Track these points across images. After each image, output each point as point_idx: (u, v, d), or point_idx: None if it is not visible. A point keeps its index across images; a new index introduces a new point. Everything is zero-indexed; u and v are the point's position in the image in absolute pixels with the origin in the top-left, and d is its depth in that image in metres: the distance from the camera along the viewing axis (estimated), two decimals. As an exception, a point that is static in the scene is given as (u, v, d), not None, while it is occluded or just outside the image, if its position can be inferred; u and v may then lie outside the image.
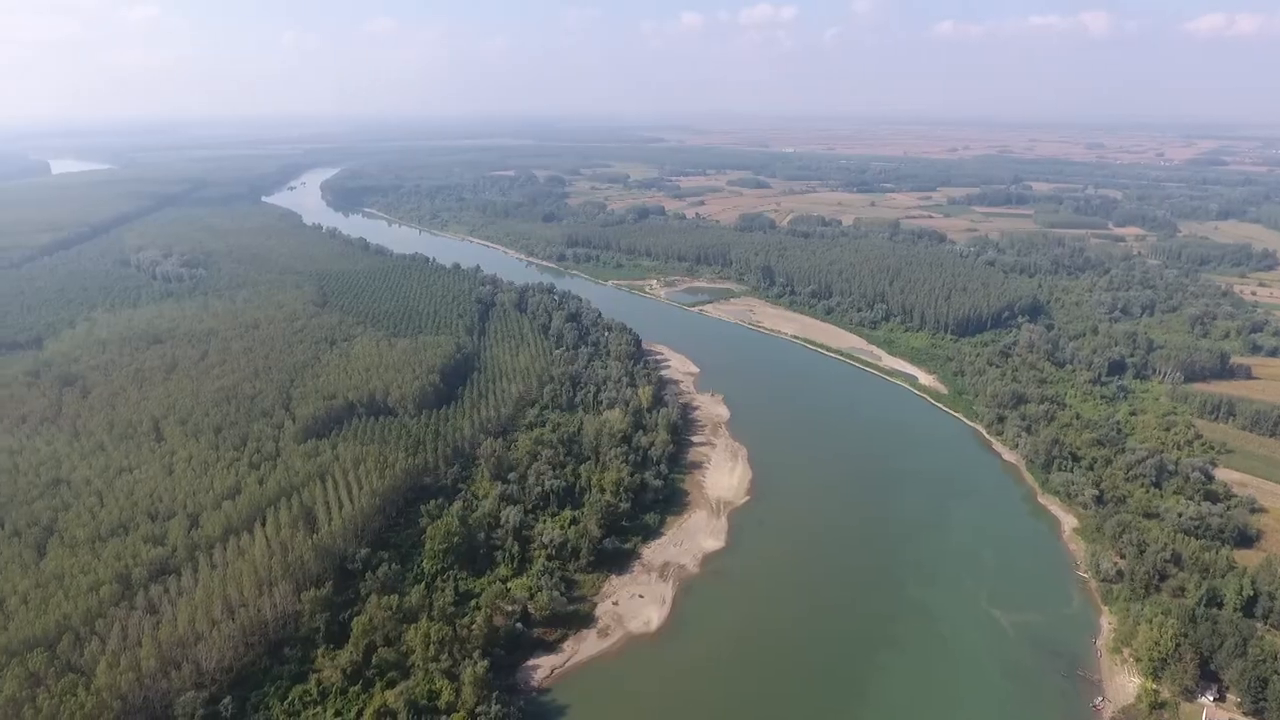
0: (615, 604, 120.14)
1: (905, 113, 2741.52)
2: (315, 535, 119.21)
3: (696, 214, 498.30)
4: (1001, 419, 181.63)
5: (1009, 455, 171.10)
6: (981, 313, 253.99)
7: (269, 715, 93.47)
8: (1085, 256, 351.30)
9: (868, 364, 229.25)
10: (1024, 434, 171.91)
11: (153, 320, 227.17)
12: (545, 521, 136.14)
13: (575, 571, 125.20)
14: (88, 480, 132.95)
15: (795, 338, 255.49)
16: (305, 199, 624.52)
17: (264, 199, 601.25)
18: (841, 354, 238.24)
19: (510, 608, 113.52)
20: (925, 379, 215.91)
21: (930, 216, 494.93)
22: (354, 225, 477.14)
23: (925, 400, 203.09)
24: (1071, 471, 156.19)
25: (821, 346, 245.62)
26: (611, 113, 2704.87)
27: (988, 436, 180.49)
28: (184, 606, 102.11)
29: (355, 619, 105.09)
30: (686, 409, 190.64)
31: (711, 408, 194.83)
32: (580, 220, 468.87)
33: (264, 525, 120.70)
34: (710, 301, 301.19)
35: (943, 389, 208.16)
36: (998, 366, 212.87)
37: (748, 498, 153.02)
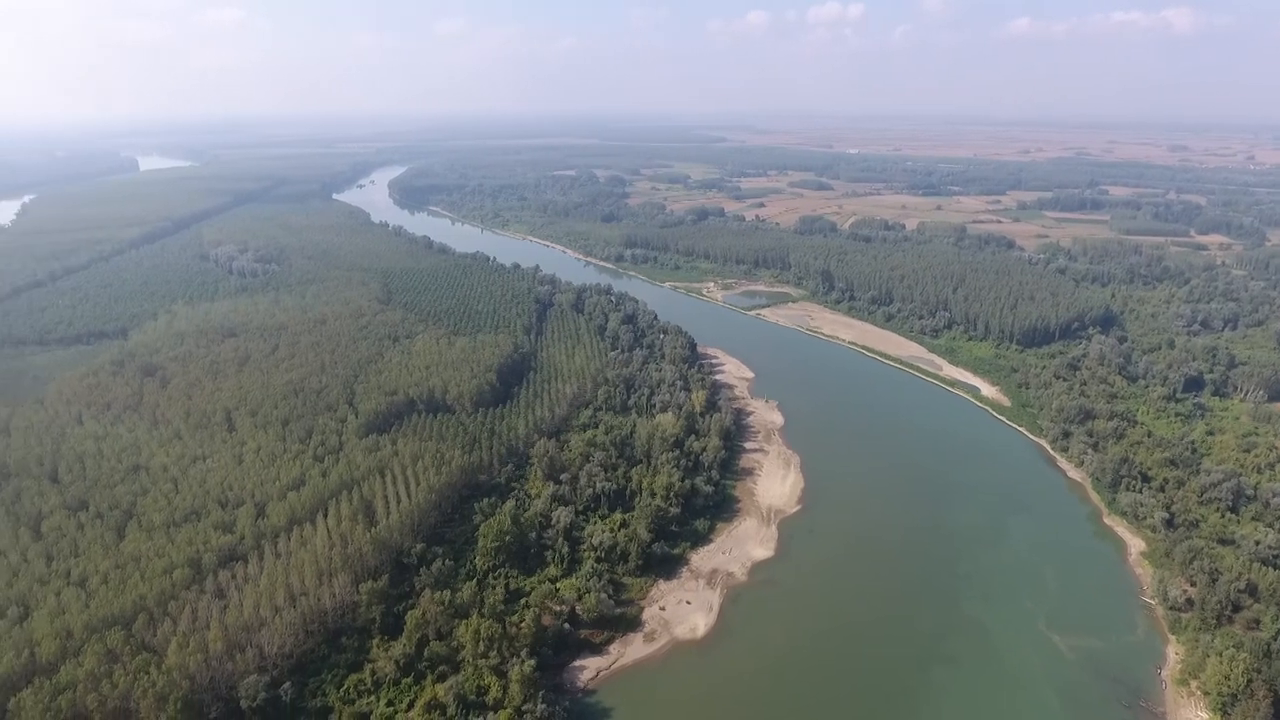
0: (662, 609, 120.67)
1: (976, 113, 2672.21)
2: (374, 528, 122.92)
3: (756, 216, 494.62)
4: (1067, 435, 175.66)
5: (1074, 473, 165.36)
6: (1049, 323, 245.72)
7: (326, 702, 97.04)
8: (1164, 265, 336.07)
9: (928, 373, 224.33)
10: (1090, 451, 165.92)
11: (228, 314, 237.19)
12: (595, 523, 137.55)
13: (623, 575, 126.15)
14: (164, 467, 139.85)
15: (853, 344, 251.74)
16: (374, 196, 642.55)
17: (335, 196, 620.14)
18: (901, 362, 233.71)
19: (558, 608, 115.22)
20: (988, 390, 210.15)
21: (999, 221, 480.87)
22: (419, 223, 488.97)
23: (987, 412, 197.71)
24: (1140, 492, 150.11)
25: (880, 354, 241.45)
26: (675, 112, 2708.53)
27: (1052, 452, 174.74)
28: (249, 592, 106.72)
29: (409, 612, 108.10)
30: (740, 414, 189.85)
31: (765, 414, 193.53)
32: (639, 221, 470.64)
33: (326, 517, 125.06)
34: (768, 305, 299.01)
35: (1006, 401, 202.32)
36: (1065, 380, 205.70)
37: (799, 506, 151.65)
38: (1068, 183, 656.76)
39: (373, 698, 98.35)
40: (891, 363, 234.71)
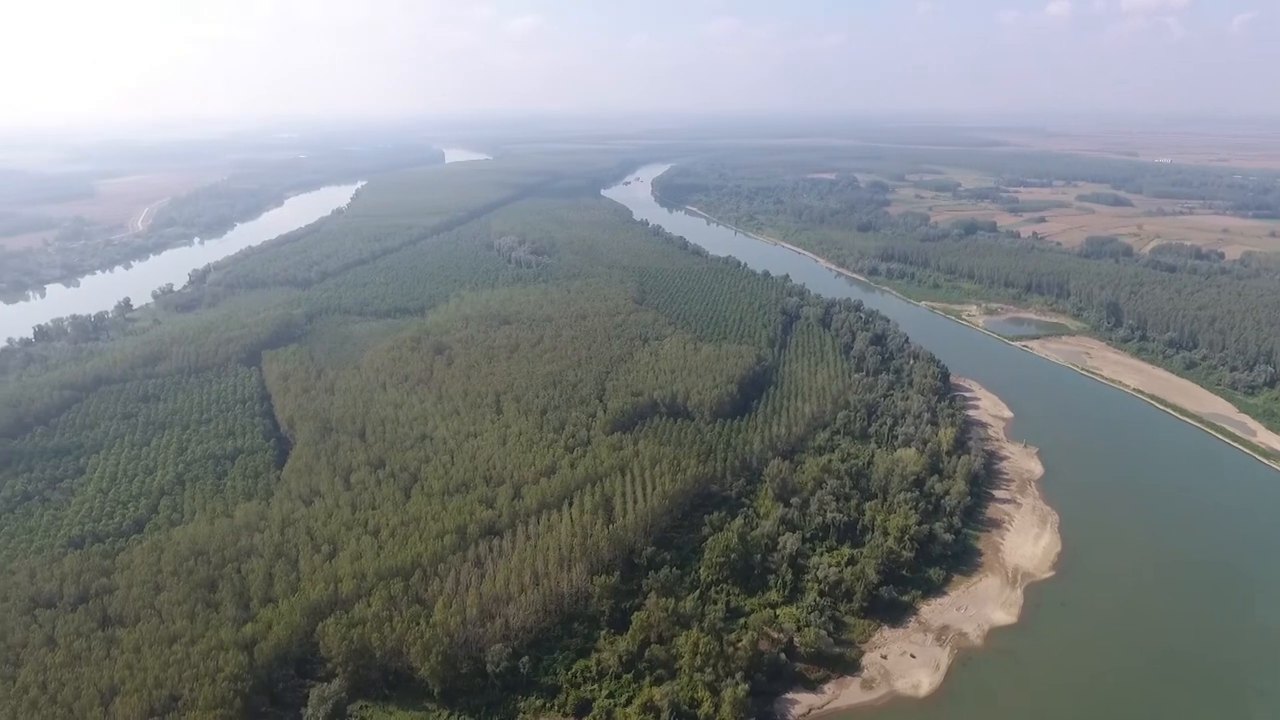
0: (884, 657, 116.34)
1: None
2: (611, 525, 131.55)
3: (1033, 232, 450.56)
4: None
5: None
6: None
7: (555, 681, 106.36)
8: None
9: (1235, 438, 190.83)
10: None
11: (504, 302, 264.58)
12: (822, 554, 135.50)
13: (846, 613, 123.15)
14: (444, 439, 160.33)
15: (1139, 392, 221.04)
16: (637, 193, 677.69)
17: (603, 192, 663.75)
18: (1200, 421, 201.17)
19: (777, 635, 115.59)
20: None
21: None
22: (675, 223, 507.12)
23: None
24: None
25: (1174, 408, 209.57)
26: (950, 112, 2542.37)
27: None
28: (502, 567, 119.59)
29: (636, 613, 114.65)
30: (991, 458, 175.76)
31: (1022, 461, 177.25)
32: (899, 232, 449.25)
33: (570, 507, 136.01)
34: (1037, 337, 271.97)
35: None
36: None
37: (1052, 572, 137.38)
38: None
39: (596, 686, 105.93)
40: (1188, 420, 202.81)
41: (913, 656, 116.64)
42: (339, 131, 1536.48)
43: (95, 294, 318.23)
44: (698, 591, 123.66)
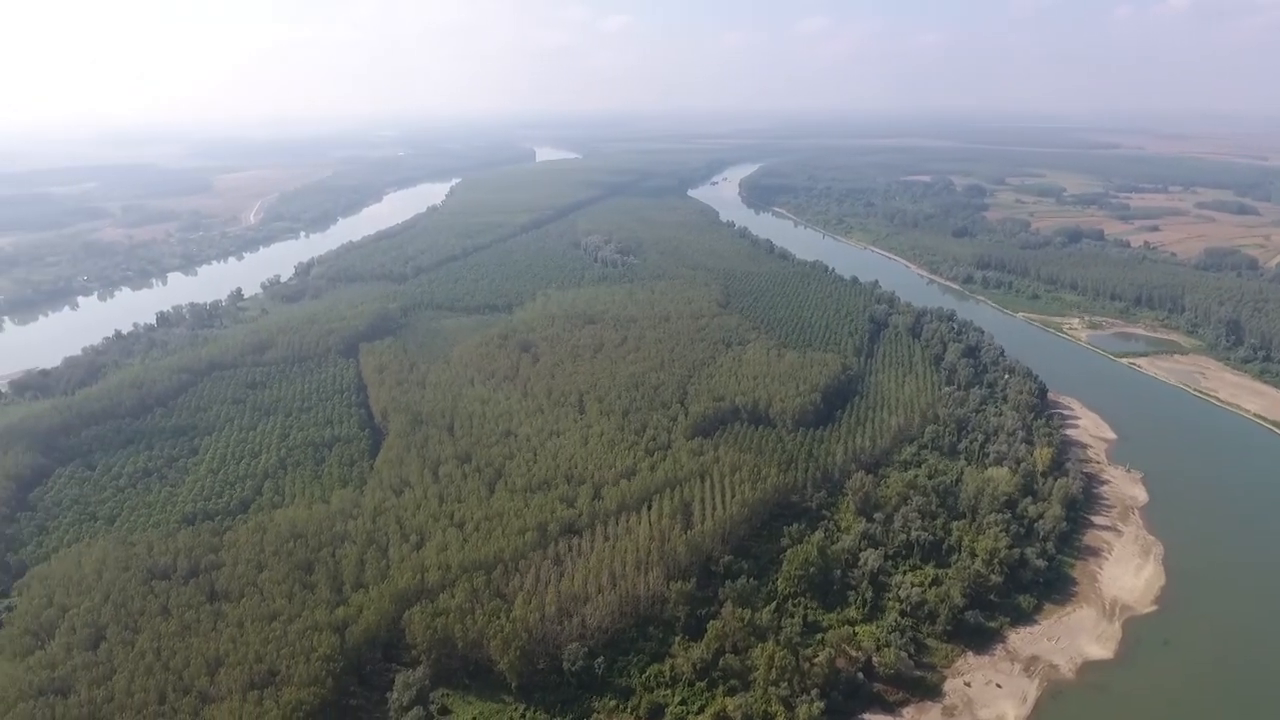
0: (967, 684, 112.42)
1: None
2: (689, 531, 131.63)
3: (1145, 242, 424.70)
4: None
5: None
6: None
7: (629, 684, 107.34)
8: None
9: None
10: None
11: (590, 301, 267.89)
12: (904, 573, 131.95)
13: (928, 636, 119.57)
14: (528, 436, 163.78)
15: (1260, 418, 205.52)
16: (724, 194, 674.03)
17: (689, 192, 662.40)
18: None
19: (855, 654, 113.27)
20: None
21: None
22: (762, 224, 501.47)
23: None
24: None
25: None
26: (1055, 111, 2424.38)
27: None
28: (580, 567, 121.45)
29: (711, 621, 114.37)
30: (1091, 481, 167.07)
31: (1124, 486, 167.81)
32: (996, 239, 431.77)
33: (649, 510, 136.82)
34: (1145, 354, 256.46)
35: None
36: None
37: (1154, 608, 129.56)
38: None
39: (669, 692, 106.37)
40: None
41: (998, 686, 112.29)
42: (437, 130, 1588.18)
43: (211, 283, 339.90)
44: (774, 603, 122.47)
